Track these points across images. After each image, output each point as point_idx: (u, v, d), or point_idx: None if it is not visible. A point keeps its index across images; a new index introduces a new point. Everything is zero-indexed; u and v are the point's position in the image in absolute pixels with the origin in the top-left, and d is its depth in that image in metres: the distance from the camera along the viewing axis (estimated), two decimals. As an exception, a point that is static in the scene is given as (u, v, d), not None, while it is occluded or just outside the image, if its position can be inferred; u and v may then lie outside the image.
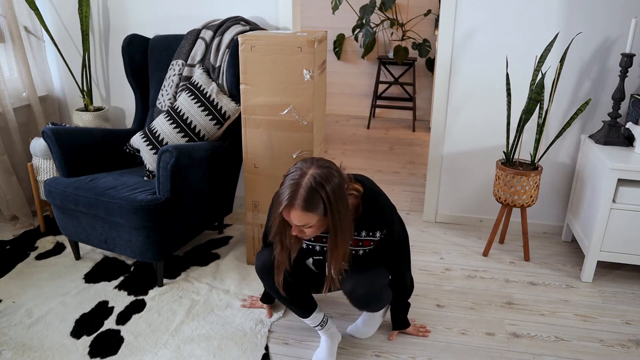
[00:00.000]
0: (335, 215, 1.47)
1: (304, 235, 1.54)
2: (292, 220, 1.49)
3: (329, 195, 1.45)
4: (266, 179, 2.33)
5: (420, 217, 3.06)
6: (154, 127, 2.50)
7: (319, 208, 1.45)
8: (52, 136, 2.37)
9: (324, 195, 1.44)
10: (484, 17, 2.57)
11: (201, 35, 2.64)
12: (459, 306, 2.21)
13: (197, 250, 2.65)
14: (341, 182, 1.51)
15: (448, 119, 2.79)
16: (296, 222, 1.48)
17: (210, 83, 2.50)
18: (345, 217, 1.51)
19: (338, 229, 1.51)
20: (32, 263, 2.51)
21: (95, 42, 3.10)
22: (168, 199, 2.16)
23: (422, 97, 5.25)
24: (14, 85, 2.95)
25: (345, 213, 1.51)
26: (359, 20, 4.76)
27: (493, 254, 2.64)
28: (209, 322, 2.08)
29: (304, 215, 1.46)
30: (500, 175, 2.45)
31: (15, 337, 1.98)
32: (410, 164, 4.01)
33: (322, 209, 1.46)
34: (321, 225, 1.52)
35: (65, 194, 2.27)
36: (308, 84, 2.11)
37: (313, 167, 1.48)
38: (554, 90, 2.39)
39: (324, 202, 1.45)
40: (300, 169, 1.48)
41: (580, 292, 2.32)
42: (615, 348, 1.96)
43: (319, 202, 1.45)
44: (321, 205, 1.45)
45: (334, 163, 1.55)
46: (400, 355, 1.92)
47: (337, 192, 1.47)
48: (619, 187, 2.21)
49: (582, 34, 2.50)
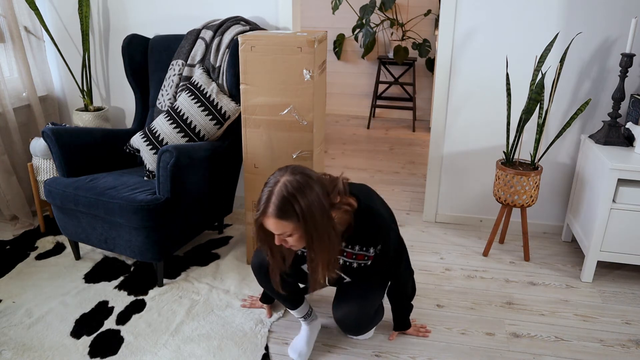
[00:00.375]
0: (310, 224, 1.44)
1: (287, 244, 1.52)
2: (269, 228, 1.48)
3: (300, 203, 1.41)
4: (266, 179, 2.33)
5: (420, 217, 3.06)
6: (154, 127, 2.50)
7: (293, 216, 1.43)
8: (52, 136, 2.37)
9: (296, 203, 1.41)
10: (484, 17, 2.57)
11: (201, 35, 2.64)
12: (459, 306, 2.21)
13: (197, 250, 2.65)
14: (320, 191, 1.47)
15: (448, 119, 2.79)
16: (273, 230, 1.47)
17: (210, 83, 2.50)
18: (323, 227, 1.46)
19: (315, 239, 1.46)
20: (32, 263, 2.51)
21: (95, 42, 3.10)
22: (168, 199, 2.16)
23: (422, 97, 5.25)
24: (14, 85, 2.95)
25: (324, 222, 1.46)
26: (359, 20, 4.76)
27: (493, 254, 2.64)
28: (209, 322, 2.08)
29: (278, 224, 1.44)
30: (500, 175, 2.45)
31: (15, 337, 1.98)
32: (410, 164, 4.01)
33: (296, 217, 1.43)
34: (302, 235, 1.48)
35: (65, 194, 2.27)
36: (308, 84, 2.11)
37: (287, 174, 1.46)
38: (554, 90, 2.39)
39: (296, 209, 1.42)
40: (275, 177, 1.47)
41: (580, 292, 2.32)
42: (615, 348, 1.96)
43: (291, 210, 1.42)
44: (294, 213, 1.42)
45: (312, 171, 1.52)
46: (400, 355, 1.92)
47: (312, 200, 1.43)
48: (619, 187, 2.21)
49: (582, 34, 2.50)
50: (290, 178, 1.44)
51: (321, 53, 2.24)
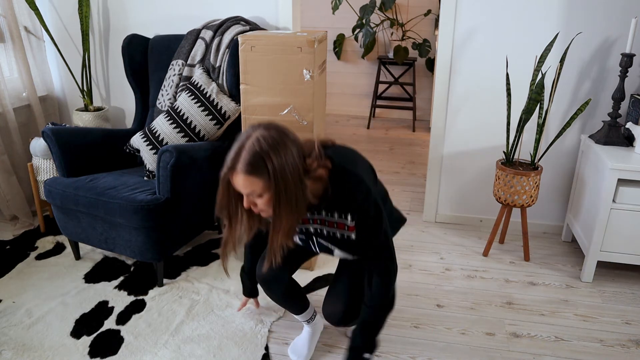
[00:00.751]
0: (281, 185, 1.31)
1: (256, 209, 1.41)
2: (237, 187, 1.37)
3: (273, 161, 1.29)
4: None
5: (420, 217, 3.06)
6: (154, 127, 2.50)
7: (264, 173, 1.30)
8: (52, 136, 2.37)
9: (269, 160, 1.29)
10: (484, 17, 2.57)
11: (201, 35, 2.64)
12: (459, 306, 2.21)
13: (197, 250, 2.65)
14: (296, 152, 1.35)
15: (448, 119, 2.79)
16: (241, 188, 1.36)
17: (210, 83, 2.50)
18: (293, 191, 1.34)
19: (283, 203, 1.34)
20: (32, 263, 2.51)
21: (95, 42, 3.10)
22: (168, 199, 2.16)
23: (422, 97, 5.25)
24: (14, 85, 2.95)
25: (296, 187, 1.34)
26: (359, 20, 4.76)
27: (493, 254, 2.64)
28: (209, 322, 2.08)
29: (248, 180, 1.32)
30: (500, 175, 2.45)
31: (15, 337, 1.98)
32: (410, 164, 4.01)
33: (267, 175, 1.31)
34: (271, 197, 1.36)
35: (65, 194, 2.27)
36: (308, 84, 2.11)
37: (260, 129, 1.33)
38: (554, 90, 2.39)
39: (269, 167, 1.30)
40: (247, 132, 1.35)
41: (580, 292, 2.32)
42: (615, 348, 1.96)
43: (263, 167, 1.30)
44: (266, 170, 1.30)
45: (289, 129, 1.39)
46: (400, 355, 1.92)
47: (287, 160, 1.31)
48: (619, 187, 2.21)
49: (582, 34, 2.50)
50: (265, 133, 1.32)
51: (321, 53, 2.24)
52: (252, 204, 1.39)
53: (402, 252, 2.65)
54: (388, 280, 1.55)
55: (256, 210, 1.40)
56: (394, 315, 2.13)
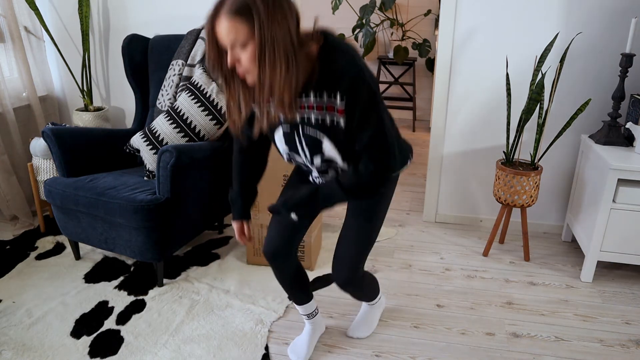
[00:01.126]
0: (267, 34, 1.22)
1: (240, 67, 1.31)
2: (220, 37, 1.28)
3: (259, 7, 1.22)
4: (266, 179, 2.33)
5: (420, 217, 3.06)
6: (154, 127, 2.50)
7: (249, 18, 1.22)
8: (52, 136, 2.37)
9: (254, 6, 1.21)
10: (484, 17, 2.57)
11: (201, 35, 2.64)
12: (459, 306, 2.21)
13: (197, 250, 2.65)
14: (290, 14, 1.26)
15: (448, 119, 2.79)
16: (224, 36, 1.27)
17: (210, 83, 2.50)
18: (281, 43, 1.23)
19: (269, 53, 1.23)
20: (32, 263, 2.51)
21: (95, 42, 3.10)
22: (168, 199, 2.16)
23: (422, 97, 5.25)
24: (14, 85, 2.95)
25: (285, 41, 1.24)
26: (359, 20, 4.76)
27: (493, 254, 2.64)
28: (209, 322, 2.09)
29: (231, 24, 1.23)
30: (500, 175, 2.45)
31: (15, 337, 1.98)
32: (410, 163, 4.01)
33: (251, 21, 1.22)
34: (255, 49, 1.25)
35: (65, 194, 2.27)
36: (308, 84, 2.11)
37: None
38: (554, 90, 2.39)
39: (253, 9, 1.21)
40: None
41: (580, 292, 2.32)
42: (615, 348, 1.96)
43: (248, 11, 1.21)
44: (250, 15, 1.21)
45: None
46: (400, 355, 1.92)
47: (274, 8, 1.22)
48: (619, 187, 2.21)
49: (582, 34, 2.50)
50: None
51: (321, 53, 2.24)
52: (236, 60, 1.30)
53: (402, 252, 2.66)
54: (380, 169, 1.40)
55: (241, 71, 1.31)
56: (394, 315, 2.13)
